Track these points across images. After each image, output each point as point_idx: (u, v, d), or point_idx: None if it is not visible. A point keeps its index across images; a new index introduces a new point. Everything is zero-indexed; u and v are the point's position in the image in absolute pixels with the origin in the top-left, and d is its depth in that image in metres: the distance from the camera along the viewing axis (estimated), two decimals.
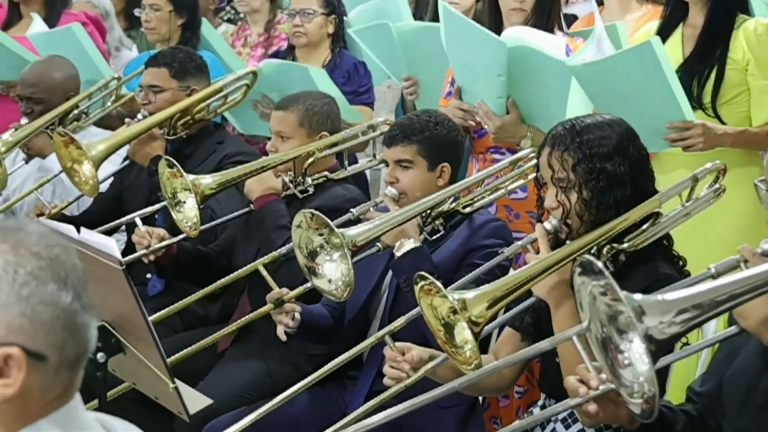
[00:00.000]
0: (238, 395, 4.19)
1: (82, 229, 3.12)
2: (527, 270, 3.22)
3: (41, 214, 5.01)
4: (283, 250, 4.18)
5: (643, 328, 2.31)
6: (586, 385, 2.62)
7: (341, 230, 3.60)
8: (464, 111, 4.57)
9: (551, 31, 4.59)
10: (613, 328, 2.44)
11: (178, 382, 3.11)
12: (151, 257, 4.49)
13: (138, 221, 4.55)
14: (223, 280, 4.29)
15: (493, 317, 3.16)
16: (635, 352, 2.41)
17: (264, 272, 4.10)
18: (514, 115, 4.46)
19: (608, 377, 2.54)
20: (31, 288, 1.75)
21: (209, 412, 3.72)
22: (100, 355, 3.04)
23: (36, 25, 6.27)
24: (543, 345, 2.87)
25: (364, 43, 5.77)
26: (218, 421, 3.90)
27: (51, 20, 6.53)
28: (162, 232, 4.53)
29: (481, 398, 4.05)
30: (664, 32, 4.45)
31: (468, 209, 4.02)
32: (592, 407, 2.62)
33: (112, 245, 2.85)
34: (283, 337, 3.96)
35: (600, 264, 2.43)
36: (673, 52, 4.38)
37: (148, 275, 5.00)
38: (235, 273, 4.27)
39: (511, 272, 3.37)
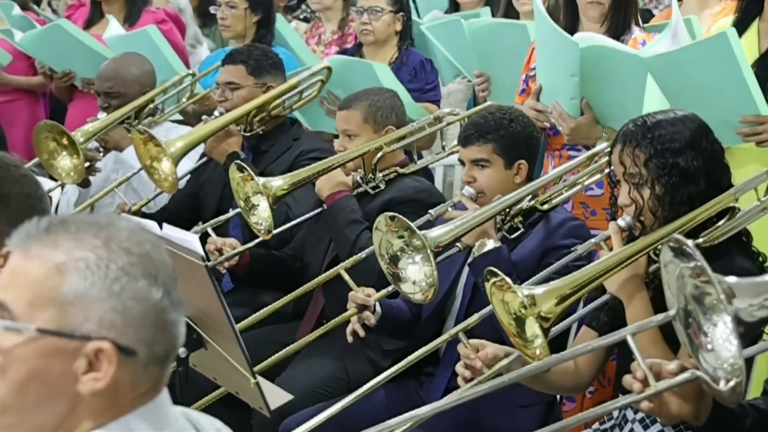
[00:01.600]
0: (314, 391, 4.21)
1: (164, 225, 3.15)
2: (598, 265, 3.22)
3: (122, 212, 5.06)
4: (363, 254, 4.19)
5: (733, 309, 2.29)
6: (640, 381, 2.59)
7: (423, 232, 3.60)
8: (538, 111, 4.55)
9: (628, 25, 4.55)
10: (699, 310, 2.42)
11: (259, 378, 3.12)
12: (225, 265, 4.53)
13: (210, 230, 4.59)
14: (306, 285, 4.33)
15: (564, 313, 3.15)
16: (720, 336, 2.38)
17: (346, 276, 4.12)
18: (588, 116, 4.43)
19: (693, 362, 2.50)
20: (123, 284, 1.76)
21: (286, 408, 3.74)
22: (181, 351, 3.05)
23: (112, 27, 6.33)
24: (623, 332, 2.83)
25: (436, 39, 5.77)
26: (295, 417, 3.92)
27: (131, 18, 6.60)
28: (234, 241, 4.57)
29: (558, 397, 4.03)
30: (739, 27, 4.39)
31: (546, 206, 4.00)
32: (644, 405, 2.59)
33: (195, 241, 2.87)
34: (350, 339, 3.97)
35: (691, 244, 2.41)
36: (749, 47, 4.32)
37: (223, 270, 5.03)
38: (318, 278, 4.32)
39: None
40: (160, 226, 3.13)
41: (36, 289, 1.75)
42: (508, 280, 3.09)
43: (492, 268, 3.14)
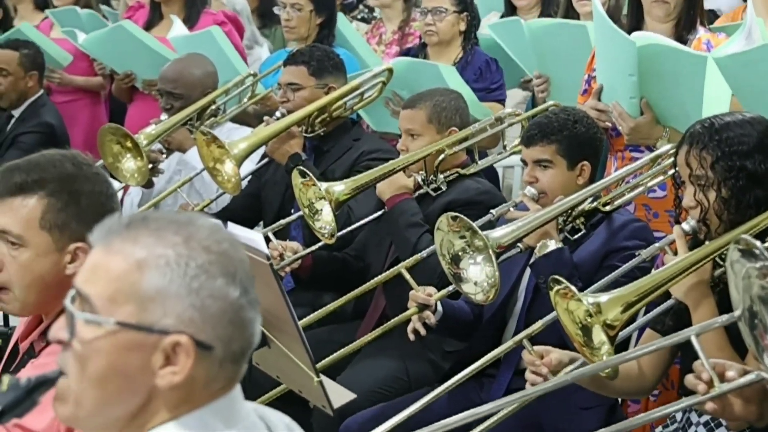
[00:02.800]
0: (374, 391, 4.22)
1: (229, 223, 3.16)
2: (663, 272, 3.20)
3: None
4: (425, 253, 4.20)
5: None
6: (705, 383, 2.58)
7: (485, 232, 3.61)
8: (600, 111, 4.52)
9: (693, 25, 4.51)
10: (766, 312, 2.40)
11: (322, 377, 3.13)
12: (287, 269, 4.55)
13: (270, 235, 4.62)
14: (366, 285, 4.35)
15: (629, 320, 3.14)
16: None
17: (407, 275, 4.13)
18: (648, 116, 4.39)
19: (758, 363, 2.49)
20: (201, 281, 1.78)
21: (347, 408, 3.75)
22: None
23: (176, 27, 6.37)
24: (687, 332, 2.81)
25: (498, 38, 5.77)
26: (356, 417, 3.94)
27: (190, 20, 6.63)
28: (295, 245, 4.59)
29: (620, 400, 4.01)
30: None
31: (608, 207, 3.99)
32: (709, 406, 2.58)
33: (260, 240, 2.88)
34: (411, 337, 3.98)
35: (760, 245, 2.40)
36: None
37: (283, 274, 5.05)
38: (379, 278, 4.33)
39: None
40: (225, 225, 3.15)
41: (117, 284, 1.78)
42: (573, 288, 3.08)
43: (556, 276, 3.13)
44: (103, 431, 1.84)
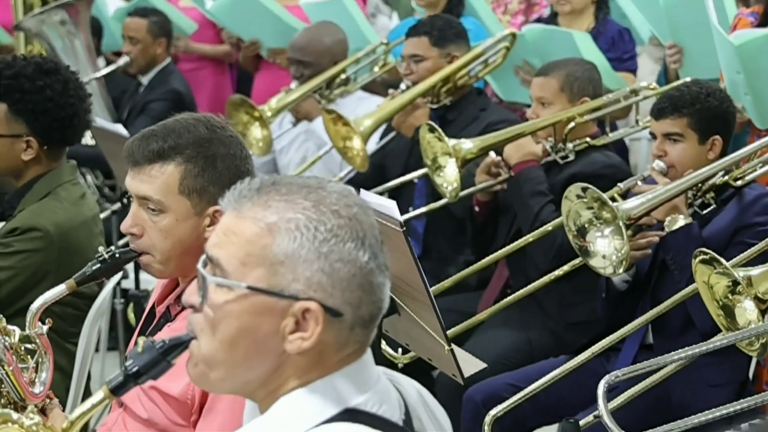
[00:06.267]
0: (498, 361, 4.21)
1: (362, 191, 3.17)
2: None
3: None
4: (549, 227, 4.18)
5: None
6: None
7: (615, 204, 3.56)
8: None
9: None
10: None
11: (453, 345, 3.12)
12: None
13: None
14: (489, 257, 4.34)
15: None
16: None
17: None
18: None
19: None
20: (331, 245, 1.78)
21: (470, 377, 3.74)
22: None
23: None
24: None
25: (634, 5, 5.68)
26: (480, 386, 3.93)
27: None
28: None
29: (751, 377, 3.95)
30: None
31: (739, 182, 3.91)
32: None
33: (392, 206, 2.87)
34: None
35: None
36: None
37: None
38: (501, 251, 4.32)
39: None
40: (358, 192, 3.15)
41: (248, 247, 1.79)
42: (722, 260, 3.02)
43: (703, 248, 3.08)
44: (236, 393, 1.87)
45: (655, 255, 3.91)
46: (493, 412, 3.64)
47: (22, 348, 2.83)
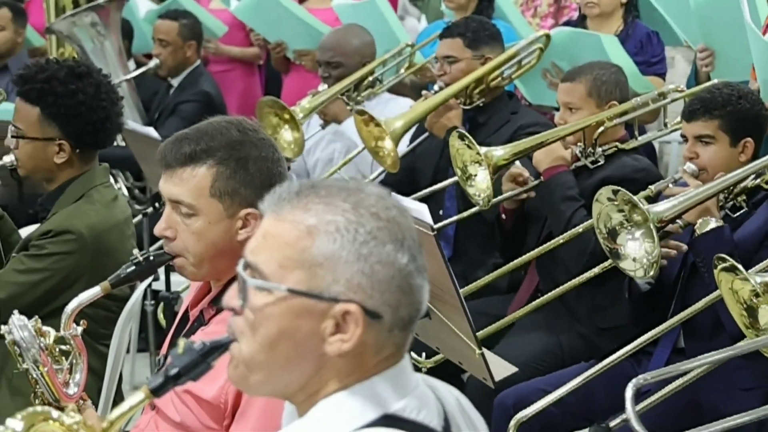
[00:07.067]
0: (529, 365, 4.20)
1: (392, 193, 3.16)
2: None
3: None
4: (580, 228, 4.17)
5: None
6: None
7: (646, 206, 3.56)
8: None
9: None
10: None
11: (483, 349, 3.12)
12: None
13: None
14: (518, 260, 4.34)
15: None
16: None
17: None
18: None
19: None
20: (370, 247, 1.78)
21: (501, 381, 3.74)
22: None
23: None
24: None
25: (661, 9, 5.67)
26: (511, 390, 3.93)
27: None
28: None
29: None
30: None
31: None
32: None
33: (424, 210, 2.88)
34: None
35: None
36: None
37: None
38: (531, 253, 4.31)
39: None
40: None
41: (287, 250, 1.79)
42: (740, 266, 3.01)
43: (722, 255, 3.07)
44: (275, 396, 1.87)
45: (684, 257, 3.90)
46: (519, 415, 3.65)
47: (57, 349, 2.85)
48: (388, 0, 6.67)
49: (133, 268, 2.79)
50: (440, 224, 4.63)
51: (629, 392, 3.17)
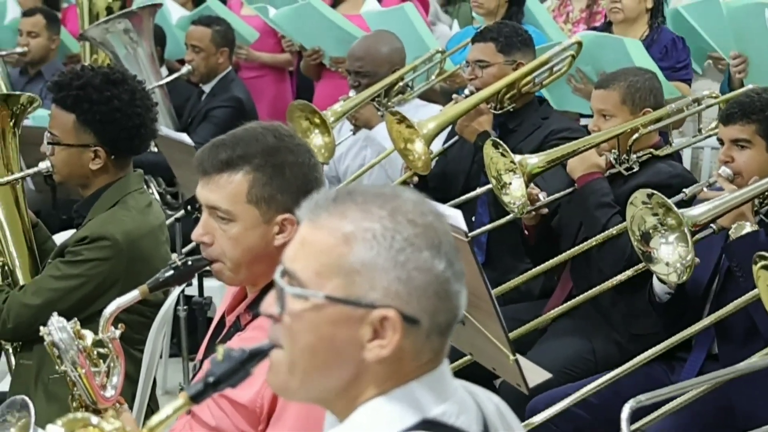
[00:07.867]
0: (561, 371, 4.18)
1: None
2: None
3: None
4: (614, 230, 4.15)
5: None
6: None
7: (680, 210, 3.55)
8: None
9: None
10: None
11: (517, 355, 3.12)
12: None
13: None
14: (551, 261, 4.33)
15: None
16: None
17: None
18: None
19: None
20: (407, 254, 1.79)
21: (534, 388, 3.73)
22: None
23: (369, 2, 6.41)
24: None
25: (691, 18, 5.65)
26: (544, 396, 3.92)
27: None
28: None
29: None
30: None
31: None
32: None
33: (458, 216, 2.88)
34: None
35: None
36: None
37: None
38: (564, 254, 4.31)
39: None
40: None
41: (324, 258, 1.80)
42: None
43: (762, 253, 3.06)
44: (314, 402, 1.88)
45: (717, 263, 3.89)
46: (536, 419, 3.65)
47: (95, 352, 2.86)
48: (419, 5, 6.69)
49: (172, 272, 2.80)
50: (475, 232, 4.63)
51: (625, 413, 3.17)
